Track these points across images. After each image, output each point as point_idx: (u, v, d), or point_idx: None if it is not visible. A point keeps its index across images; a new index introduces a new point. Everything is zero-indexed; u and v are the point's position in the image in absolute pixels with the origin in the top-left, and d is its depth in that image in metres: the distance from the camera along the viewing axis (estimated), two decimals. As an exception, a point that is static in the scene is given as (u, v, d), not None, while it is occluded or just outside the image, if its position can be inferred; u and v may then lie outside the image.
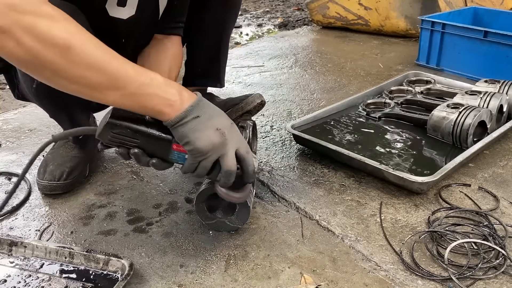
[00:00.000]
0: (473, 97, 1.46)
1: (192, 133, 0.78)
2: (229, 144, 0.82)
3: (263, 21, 3.41)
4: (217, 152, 0.81)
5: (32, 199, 1.19)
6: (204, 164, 0.82)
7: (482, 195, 1.18)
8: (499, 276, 0.91)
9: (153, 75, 0.77)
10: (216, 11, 1.32)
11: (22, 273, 0.93)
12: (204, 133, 0.78)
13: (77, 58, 0.69)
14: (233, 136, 0.83)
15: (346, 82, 1.99)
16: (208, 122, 0.79)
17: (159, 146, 0.82)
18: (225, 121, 0.83)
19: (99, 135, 0.82)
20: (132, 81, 0.74)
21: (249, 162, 0.85)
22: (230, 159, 0.82)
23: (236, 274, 0.94)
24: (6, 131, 1.57)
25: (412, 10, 2.51)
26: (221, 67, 1.45)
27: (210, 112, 0.81)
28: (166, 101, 0.76)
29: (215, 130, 0.80)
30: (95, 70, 0.71)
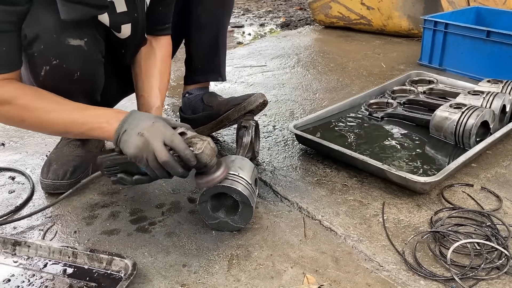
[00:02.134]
0: (476, 97, 1.46)
1: (124, 145, 0.92)
2: (151, 140, 0.89)
3: (266, 20, 3.41)
4: (145, 151, 0.90)
5: (35, 199, 1.20)
6: (151, 165, 0.91)
7: (484, 195, 1.18)
8: (502, 277, 0.91)
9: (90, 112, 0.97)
10: (211, 6, 1.34)
11: (26, 273, 0.93)
12: (130, 141, 0.91)
13: (33, 125, 0.99)
14: (154, 133, 0.90)
15: (349, 82, 1.99)
16: (132, 131, 0.92)
17: (130, 165, 0.96)
18: (146, 123, 0.92)
19: (99, 169, 1.03)
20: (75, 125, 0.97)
21: (178, 147, 0.89)
22: (158, 151, 0.89)
23: (239, 274, 0.94)
24: (9, 131, 1.58)
25: (414, 9, 2.51)
26: (221, 61, 1.45)
27: (134, 122, 0.93)
28: (102, 129, 0.95)
29: (137, 135, 0.91)
30: (47, 127, 0.99)
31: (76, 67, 1.02)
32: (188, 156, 0.89)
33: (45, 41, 0.97)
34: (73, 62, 1.01)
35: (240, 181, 1.01)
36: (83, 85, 1.06)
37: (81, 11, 0.94)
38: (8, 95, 0.93)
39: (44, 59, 0.99)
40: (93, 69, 1.08)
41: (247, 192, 1.00)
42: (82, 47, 1.00)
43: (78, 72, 1.02)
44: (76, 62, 1.01)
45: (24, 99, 0.95)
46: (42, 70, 1.01)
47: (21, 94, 0.95)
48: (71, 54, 1.00)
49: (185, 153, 0.89)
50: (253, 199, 1.03)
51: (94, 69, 1.08)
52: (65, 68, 1.00)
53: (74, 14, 0.93)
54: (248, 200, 1.00)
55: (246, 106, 1.34)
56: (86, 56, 1.02)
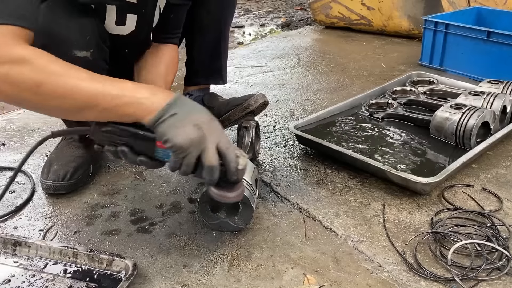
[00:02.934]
0: (476, 98, 1.46)
1: (171, 130, 0.79)
2: (208, 138, 0.81)
3: (266, 21, 3.41)
4: (197, 147, 0.81)
5: (35, 199, 1.20)
6: (187, 161, 0.81)
7: (485, 196, 1.18)
8: (503, 278, 0.91)
9: (122, 84, 0.81)
10: (214, 8, 1.34)
11: (26, 273, 0.93)
12: (182, 129, 0.79)
13: (49, 92, 0.77)
14: (212, 131, 0.82)
15: (349, 82, 1.99)
16: (186, 118, 0.80)
17: (144, 144, 0.85)
18: (203, 116, 0.83)
19: (92, 134, 0.87)
20: (103, 98, 0.79)
21: (230, 157, 0.83)
22: (210, 154, 0.81)
23: (239, 275, 0.94)
24: (9, 131, 1.58)
25: (415, 10, 2.51)
26: (222, 64, 1.45)
27: (188, 109, 0.82)
28: (140, 106, 0.80)
29: (193, 126, 0.80)
30: (67, 98, 0.78)
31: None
32: (234, 169, 0.84)
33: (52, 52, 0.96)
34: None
35: None
36: None
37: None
38: (26, 53, 0.76)
39: None
40: None
41: (248, 193, 1.00)
42: (87, 58, 0.99)
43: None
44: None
45: (43, 59, 0.78)
46: None
47: (41, 54, 0.78)
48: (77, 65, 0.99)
49: (233, 166, 0.83)
50: (253, 200, 1.03)
51: None
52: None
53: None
54: (249, 200, 1.00)
55: (246, 107, 1.34)
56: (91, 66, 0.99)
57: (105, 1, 0.98)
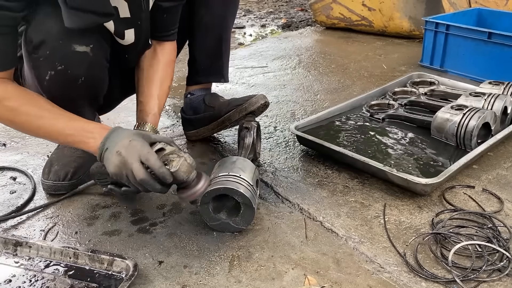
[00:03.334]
0: (477, 99, 1.46)
1: (106, 162, 0.94)
2: (128, 159, 0.90)
3: (267, 21, 3.41)
4: (124, 170, 0.91)
5: (36, 199, 1.20)
6: (132, 182, 0.92)
7: (486, 197, 1.18)
8: (503, 279, 0.91)
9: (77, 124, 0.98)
10: (216, 8, 1.33)
11: (27, 273, 0.93)
12: (110, 159, 0.93)
13: (20, 127, 1.01)
14: (130, 152, 0.91)
15: (350, 83, 1.99)
16: (113, 149, 0.93)
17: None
18: (123, 142, 0.93)
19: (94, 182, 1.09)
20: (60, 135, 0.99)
21: (152, 164, 0.90)
22: (135, 170, 0.90)
23: (240, 275, 0.94)
24: (11, 131, 1.58)
25: (416, 11, 2.51)
26: (223, 62, 1.45)
27: (115, 140, 0.94)
28: (87, 144, 0.97)
29: (116, 154, 0.92)
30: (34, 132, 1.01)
31: (81, 73, 1.02)
32: (163, 174, 0.90)
33: (51, 46, 0.97)
34: (78, 68, 1.01)
35: (241, 182, 1.01)
36: (87, 89, 1.06)
37: (86, 19, 0.94)
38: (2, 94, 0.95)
39: (50, 64, 1.00)
40: (97, 74, 1.08)
41: (249, 194, 1.01)
42: (87, 53, 1.00)
43: (83, 77, 1.02)
44: (81, 68, 1.01)
45: (14, 101, 0.96)
46: (47, 74, 1.01)
47: (13, 96, 0.96)
48: (76, 60, 1.00)
49: (160, 171, 0.90)
50: (254, 201, 1.03)
51: (99, 75, 1.08)
52: (70, 73, 1.01)
53: (78, 23, 0.94)
54: (250, 201, 1.00)
55: (247, 107, 1.34)
56: (91, 62, 1.02)
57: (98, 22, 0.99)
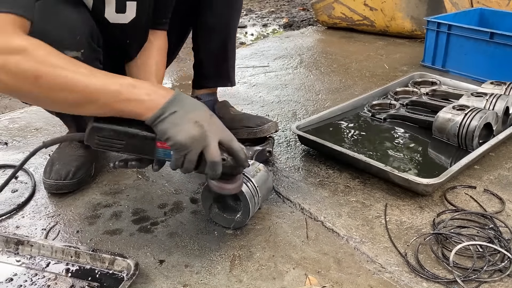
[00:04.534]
0: (479, 99, 1.45)
1: (171, 128, 0.79)
2: (210, 135, 0.82)
3: (268, 21, 3.41)
4: (198, 144, 0.81)
5: (38, 198, 1.20)
6: (189, 158, 0.82)
7: (487, 197, 1.18)
8: (505, 279, 0.91)
9: (122, 80, 0.79)
10: (220, 11, 1.33)
11: (29, 272, 0.93)
12: (183, 126, 0.80)
13: (48, 85, 0.75)
14: (213, 128, 0.83)
15: (351, 83, 1.99)
16: (186, 116, 0.81)
17: (143, 145, 0.84)
18: (203, 113, 0.84)
19: (87, 140, 0.85)
20: (102, 93, 0.77)
21: (236, 148, 0.86)
22: (213, 150, 0.82)
23: (241, 275, 0.94)
24: (12, 130, 1.58)
25: (417, 11, 2.50)
26: (229, 66, 1.45)
27: (187, 106, 0.82)
28: (140, 103, 0.79)
29: (194, 123, 0.81)
30: (66, 92, 0.76)
31: None
32: (243, 159, 0.86)
33: None
34: None
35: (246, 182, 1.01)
36: None
37: None
38: (24, 43, 0.74)
39: None
40: None
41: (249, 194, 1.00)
42: (78, 58, 0.98)
43: None
44: None
45: (43, 50, 0.76)
46: None
47: (40, 45, 0.76)
48: None
49: (242, 155, 0.86)
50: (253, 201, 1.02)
51: None
52: None
53: None
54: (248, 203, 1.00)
55: (257, 133, 1.34)
56: None
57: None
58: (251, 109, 1.73)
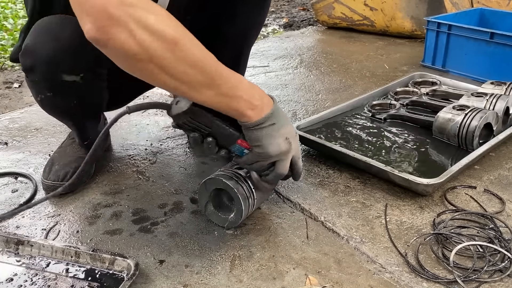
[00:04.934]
0: (479, 99, 1.45)
1: (266, 138, 0.85)
2: (291, 152, 0.89)
3: (268, 21, 3.41)
4: (279, 157, 0.89)
5: (38, 198, 1.20)
6: (263, 163, 0.90)
7: (487, 197, 1.18)
8: (505, 279, 0.91)
9: (241, 78, 0.82)
10: (242, 26, 1.28)
11: (29, 272, 0.93)
12: (276, 140, 0.86)
13: (183, 55, 0.72)
14: (295, 146, 0.91)
15: (352, 83, 1.99)
16: (280, 130, 0.86)
17: (226, 138, 0.90)
18: (292, 130, 0.91)
19: (176, 116, 0.84)
20: (225, 82, 0.78)
21: (300, 166, 0.97)
22: (286, 165, 0.90)
23: (241, 275, 0.94)
24: (12, 130, 1.58)
25: (418, 11, 2.50)
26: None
27: (282, 121, 0.87)
28: (250, 105, 0.82)
29: (285, 139, 0.87)
30: (196, 68, 0.74)
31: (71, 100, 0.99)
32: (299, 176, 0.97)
33: (39, 74, 0.95)
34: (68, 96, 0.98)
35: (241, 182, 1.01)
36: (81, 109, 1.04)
37: None
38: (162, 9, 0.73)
39: (39, 90, 1.00)
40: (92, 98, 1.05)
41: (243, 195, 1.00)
42: (76, 82, 0.97)
43: (75, 101, 1.01)
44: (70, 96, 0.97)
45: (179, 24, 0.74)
46: (38, 97, 1.03)
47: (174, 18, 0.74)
48: (65, 89, 0.97)
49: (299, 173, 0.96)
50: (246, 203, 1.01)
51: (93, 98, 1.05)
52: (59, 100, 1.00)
53: None
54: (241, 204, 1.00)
55: None
56: (82, 90, 0.98)
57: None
58: (251, 109, 1.73)
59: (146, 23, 0.68)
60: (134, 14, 0.67)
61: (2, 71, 2.38)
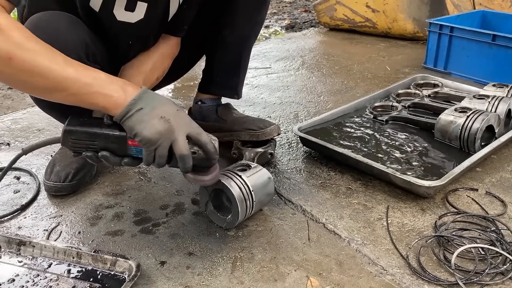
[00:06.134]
0: (481, 101, 1.45)
1: (138, 124, 0.82)
2: (177, 129, 0.84)
3: (270, 22, 3.41)
4: (166, 139, 0.83)
5: (40, 199, 1.20)
6: (159, 153, 0.84)
7: (489, 200, 1.18)
8: (507, 282, 0.91)
9: (96, 74, 0.81)
10: (241, 28, 1.30)
11: (31, 273, 0.94)
12: (149, 122, 0.82)
13: (20, 67, 0.75)
14: (179, 122, 0.85)
15: (353, 85, 1.99)
16: (152, 112, 0.83)
17: (116, 144, 0.87)
18: (170, 108, 0.85)
19: (63, 143, 0.87)
20: (74, 83, 0.79)
21: (205, 141, 0.88)
22: (181, 143, 0.84)
23: (243, 277, 0.94)
24: (15, 131, 1.59)
25: (420, 12, 2.50)
26: (239, 81, 1.42)
27: (153, 103, 0.84)
28: (109, 98, 0.81)
29: (159, 119, 0.82)
30: (38, 76, 0.77)
31: None
32: (212, 151, 0.88)
33: None
34: None
35: (240, 184, 1.01)
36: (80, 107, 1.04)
37: None
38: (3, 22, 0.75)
39: None
40: None
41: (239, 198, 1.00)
42: None
43: None
44: None
45: (20, 33, 0.76)
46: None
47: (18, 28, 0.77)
48: None
49: (211, 147, 0.87)
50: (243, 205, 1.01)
51: None
52: None
53: None
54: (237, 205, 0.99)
55: (260, 136, 1.33)
56: None
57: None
58: (252, 110, 1.73)
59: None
60: None
61: (4, 71, 2.38)
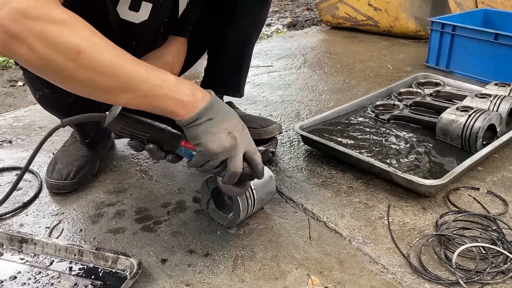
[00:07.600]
0: (483, 100, 1.45)
1: (205, 135, 0.79)
2: (239, 147, 0.83)
3: (272, 20, 3.41)
4: (227, 154, 0.82)
5: (42, 196, 1.21)
6: (212, 163, 0.83)
7: (490, 199, 1.18)
8: (507, 281, 0.91)
9: (165, 76, 0.77)
10: (242, 27, 1.29)
11: (32, 270, 0.94)
12: (217, 136, 0.79)
13: (87, 63, 0.70)
14: (243, 139, 0.84)
15: (355, 83, 1.99)
16: (220, 125, 0.80)
17: (167, 140, 0.83)
18: (237, 124, 0.84)
19: (109, 125, 0.82)
20: (143, 84, 0.74)
21: (257, 161, 0.88)
22: (238, 161, 0.83)
23: (244, 275, 0.94)
24: (17, 128, 1.59)
25: (422, 11, 2.50)
26: (242, 79, 1.41)
27: (223, 114, 0.81)
28: (179, 102, 0.76)
29: (227, 134, 0.80)
30: (105, 74, 0.71)
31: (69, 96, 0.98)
32: (260, 172, 0.89)
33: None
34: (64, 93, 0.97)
35: None
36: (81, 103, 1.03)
37: None
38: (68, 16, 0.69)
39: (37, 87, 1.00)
40: None
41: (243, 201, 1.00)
42: None
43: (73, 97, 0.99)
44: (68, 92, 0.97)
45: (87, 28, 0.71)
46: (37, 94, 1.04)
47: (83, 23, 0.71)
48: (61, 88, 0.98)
49: (260, 168, 0.88)
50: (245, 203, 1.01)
51: None
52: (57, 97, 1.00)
53: None
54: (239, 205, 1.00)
55: (261, 134, 1.33)
56: None
57: None
58: (254, 109, 1.74)
59: (46, 36, 0.67)
60: (35, 28, 0.66)
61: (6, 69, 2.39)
